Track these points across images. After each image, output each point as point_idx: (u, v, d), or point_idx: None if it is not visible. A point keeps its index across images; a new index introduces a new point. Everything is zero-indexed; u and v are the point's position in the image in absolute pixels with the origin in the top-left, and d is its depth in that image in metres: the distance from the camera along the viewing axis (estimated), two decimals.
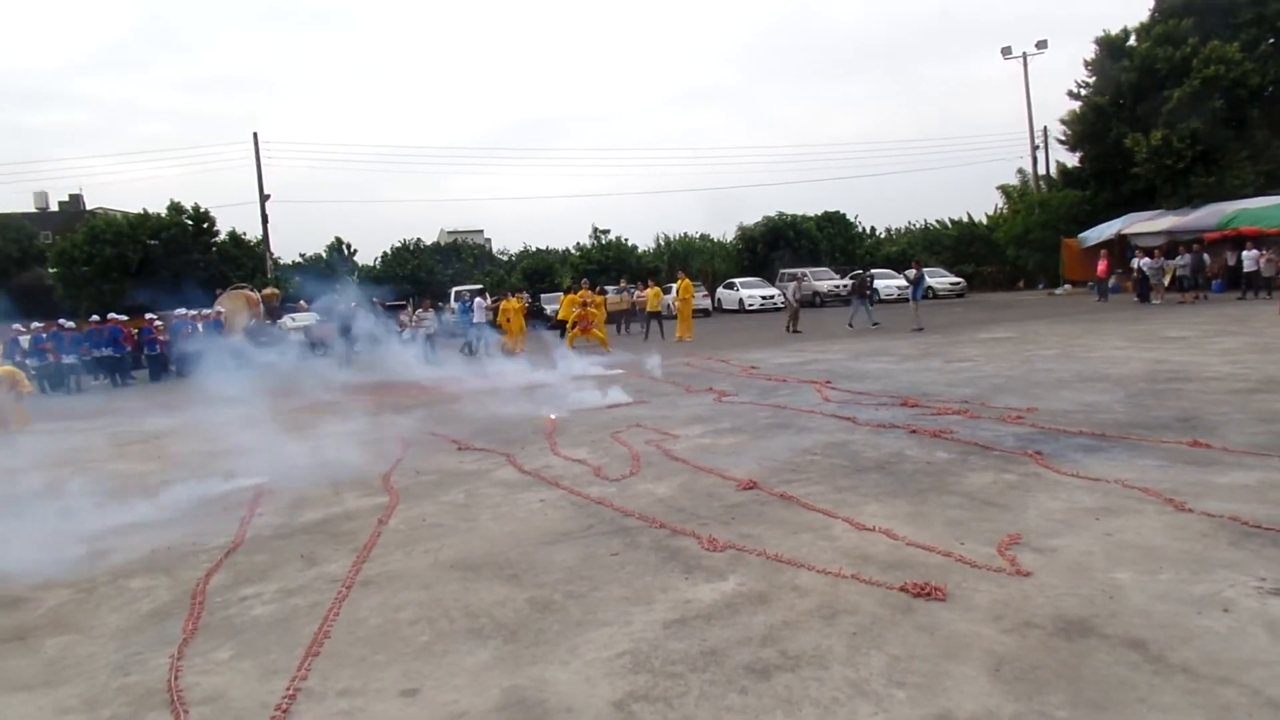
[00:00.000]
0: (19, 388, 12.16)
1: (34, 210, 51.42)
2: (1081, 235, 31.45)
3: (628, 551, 4.48)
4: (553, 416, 9.21)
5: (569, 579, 4.12)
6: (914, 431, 7.09)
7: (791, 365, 13.25)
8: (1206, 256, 24.24)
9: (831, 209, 44.86)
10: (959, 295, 34.91)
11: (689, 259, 42.20)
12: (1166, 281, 23.86)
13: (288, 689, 3.15)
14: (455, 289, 33.90)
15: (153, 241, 34.48)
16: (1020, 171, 41.78)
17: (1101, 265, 25.59)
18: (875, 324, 20.62)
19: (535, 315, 27.63)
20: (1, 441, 10.95)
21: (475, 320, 21.98)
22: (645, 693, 2.93)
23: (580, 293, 20.81)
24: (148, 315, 21.11)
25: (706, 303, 33.15)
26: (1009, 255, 36.97)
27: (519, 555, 4.57)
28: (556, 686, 3.02)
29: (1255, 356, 10.47)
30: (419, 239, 45.76)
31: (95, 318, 21.16)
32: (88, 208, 48.95)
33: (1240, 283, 23.06)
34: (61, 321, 20.53)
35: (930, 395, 9.05)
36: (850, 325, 21.02)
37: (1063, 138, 36.68)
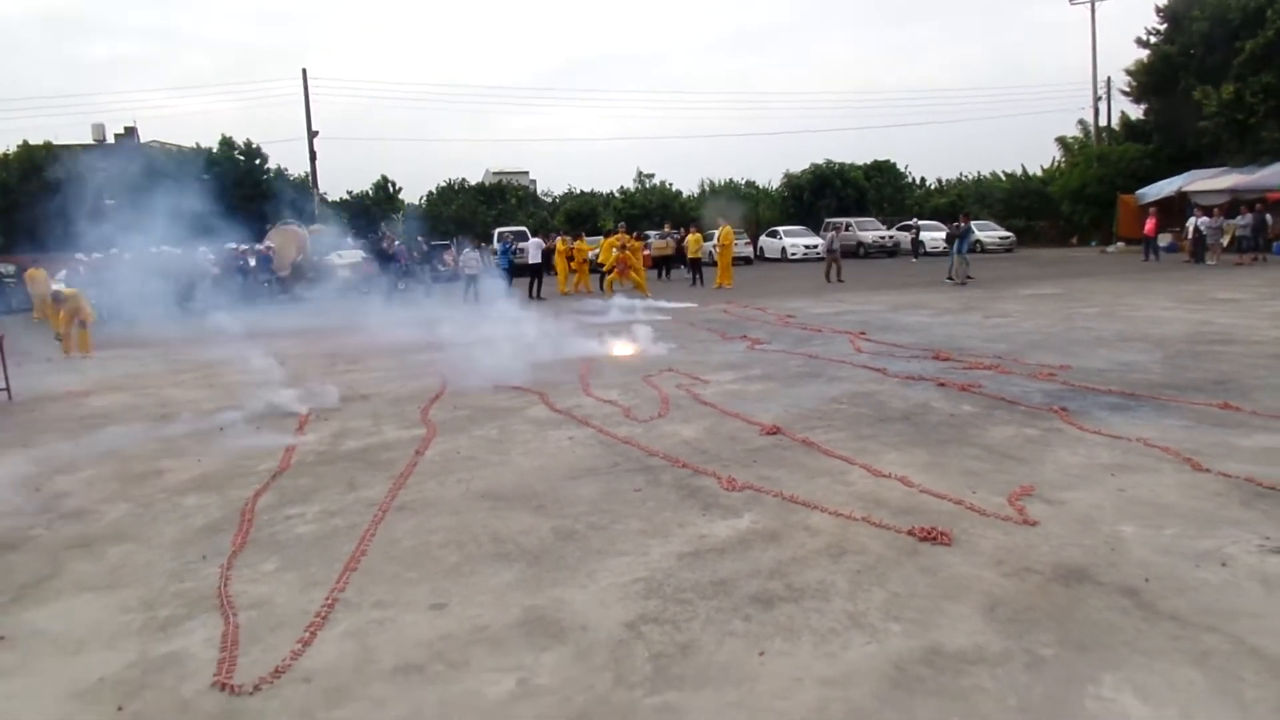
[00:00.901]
0: (81, 314, 12.64)
1: (91, 142, 52.57)
2: (1140, 191, 30.48)
3: (649, 488, 4.67)
4: (586, 359, 9.40)
5: (591, 511, 4.33)
6: (942, 384, 7.14)
7: (828, 315, 13.25)
8: (1269, 217, 23.37)
9: (882, 158, 43.98)
10: (1008, 250, 34.16)
11: (733, 205, 41.77)
12: (1225, 242, 23.13)
13: (327, 599, 3.41)
14: (498, 230, 34.06)
15: (205, 176, 35.10)
16: (1081, 123, 40.46)
17: (1150, 224, 24.79)
18: (969, 278, 19.10)
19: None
20: (65, 365, 11.49)
21: (532, 260, 21.65)
22: (655, 616, 3.12)
23: (618, 236, 20.88)
24: (200, 249, 21.64)
25: (749, 250, 32.90)
26: (1064, 210, 36.02)
27: (546, 488, 4.78)
28: (573, 607, 3.23)
29: None
30: (464, 179, 45.89)
31: (151, 249, 21.72)
32: (142, 140, 49.85)
33: None
34: (116, 251, 21.11)
35: (964, 349, 9.05)
36: (950, 279, 19.30)
37: (1127, 89, 35.36)
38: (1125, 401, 6.27)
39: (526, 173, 63.11)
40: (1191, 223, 23.70)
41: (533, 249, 21.84)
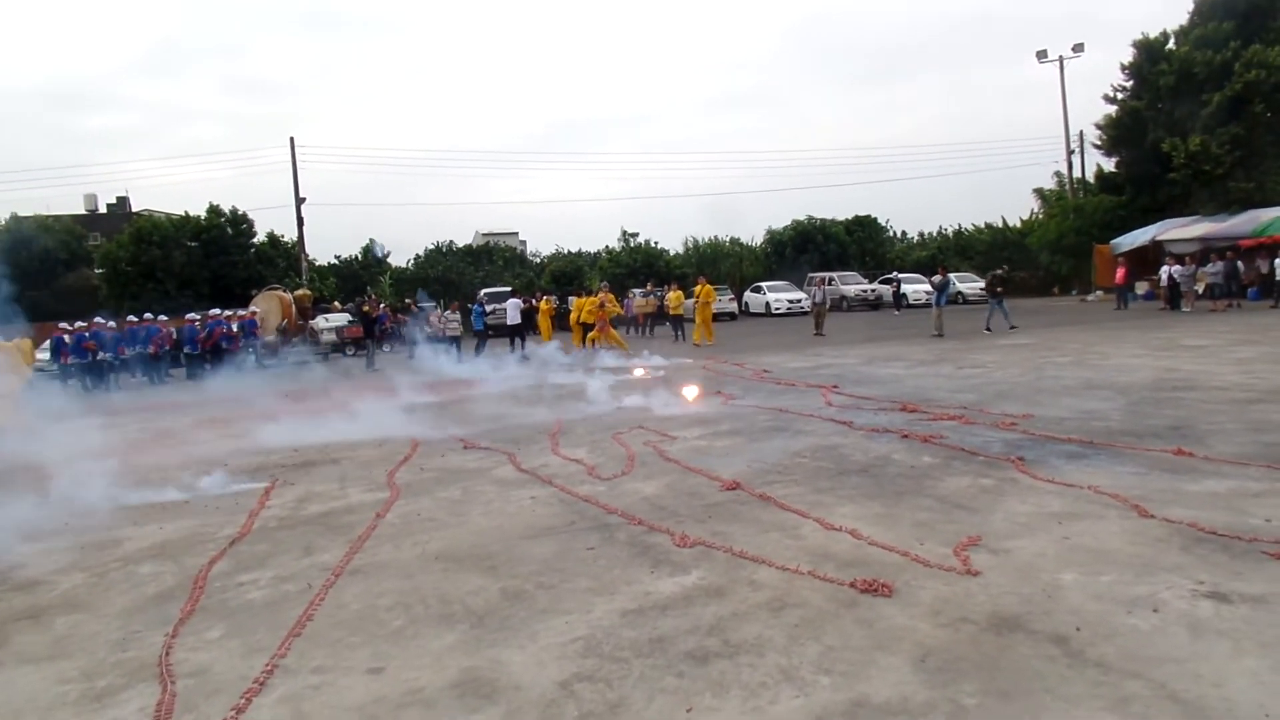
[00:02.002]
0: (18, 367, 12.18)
1: (84, 212, 53.12)
2: (1115, 241, 31.03)
3: (603, 546, 4.69)
4: (560, 418, 9.46)
5: (542, 570, 4.34)
6: (905, 436, 7.21)
7: (804, 369, 13.36)
8: (1240, 264, 23.81)
9: (864, 213, 44.76)
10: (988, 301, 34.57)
11: (717, 262, 42.29)
12: (1200, 289, 23.51)
13: (267, 665, 3.41)
14: (484, 290, 34.34)
15: (193, 243, 35.47)
16: (1057, 175, 41.37)
17: (1120, 273, 25.30)
18: (1013, 327, 19.00)
19: (562, 317, 27.99)
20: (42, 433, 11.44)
21: (510, 321, 21.71)
22: (590, 674, 3.13)
23: (598, 295, 21.13)
24: (188, 316, 21.76)
25: (733, 306, 33.23)
26: (1043, 260, 36.60)
27: (501, 548, 4.80)
28: (510, 667, 3.24)
29: (1269, 367, 10.38)
30: (451, 241, 46.40)
31: (132, 318, 21.86)
32: (134, 209, 50.42)
33: (1274, 291, 22.64)
34: (101, 320, 21.22)
35: (932, 401, 9.14)
36: (988, 329, 18.88)
37: (1098, 142, 36.27)
38: (1082, 450, 6.35)
39: (516, 233, 63.74)
40: (1165, 271, 24.12)
41: (511, 309, 21.91)
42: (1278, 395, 8.24)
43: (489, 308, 25.44)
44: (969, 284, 35.15)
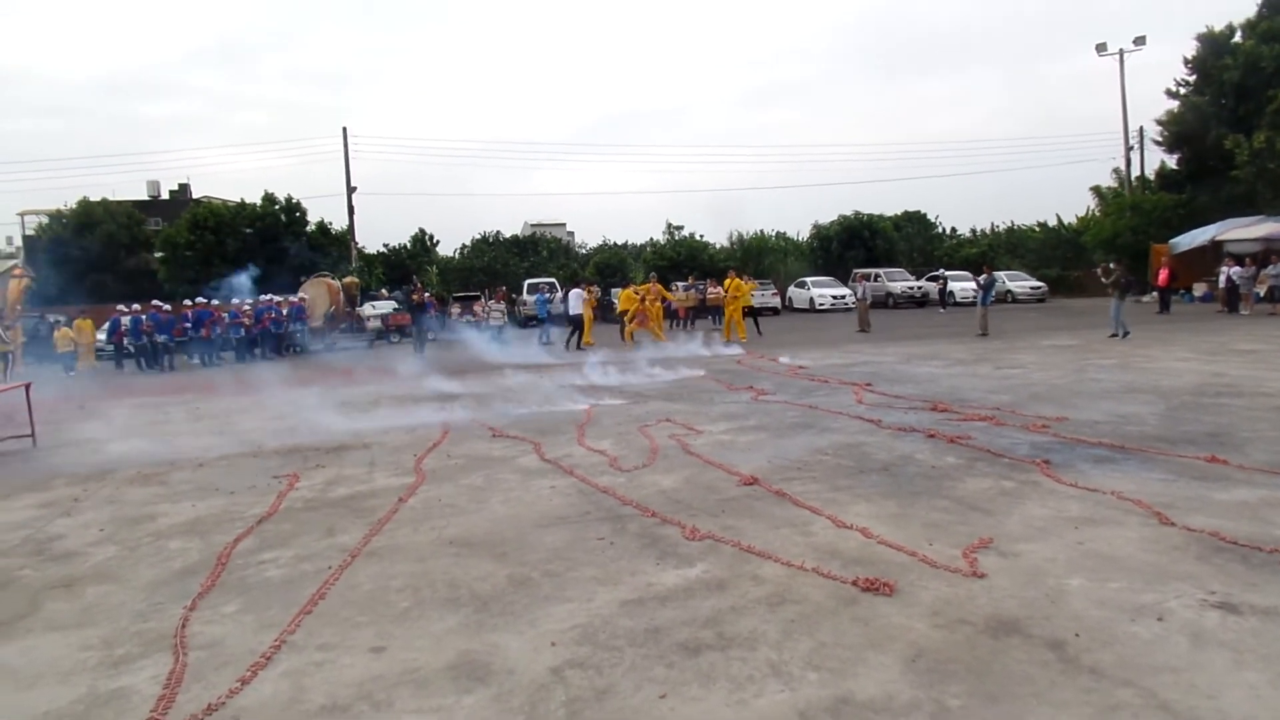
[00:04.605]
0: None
1: (146, 198, 54.73)
2: (1173, 241, 30.06)
3: (614, 537, 4.74)
4: (589, 407, 9.53)
5: (550, 559, 4.41)
6: (932, 436, 7.13)
7: (840, 367, 13.25)
8: None
9: (914, 208, 44.10)
10: (1040, 300, 33.87)
11: (761, 257, 42.04)
12: (1261, 291, 22.69)
13: (276, 640, 3.53)
14: (528, 281, 34.65)
15: (249, 230, 36.36)
16: (1116, 172, 40.28)
17: (1163, 274, 24.44)
18: (1126, 333, 16.05)
19: (605, 309, 28.15)
20: (93, 414, 11.87)
21: (572, 311, 21.07)
22: (582, 661, 3.19)
23: (644, 286, 21.11)
24: (233, 300, 22.35)
25: (776, 301, 33.00)
26: (1097, 260, 35.66)
27: (514, 535, 4.88)
28: (506, 652, 3.31)
29: None
30: (498, 231, 46.89)
31: (188, 301, 22.52)
32: (194, 196, 51.83)
33: None
34: (157, 303, 21.91)
35: (966, 401, 9.01)
36: (1115, 334, 16.11)
37: (1159, 139, 35.21)
38: (1111, 454, 6.21)
39: (564, 224, 64.16)
40: (1224, 272, 23.35)
41: (574, 299, 21.23)
42: None
43: (534, 298, 25.71)
44: (1019, 282, 34.43)
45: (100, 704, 3.05)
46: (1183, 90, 33.36)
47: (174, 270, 36.22)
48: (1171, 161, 35.56)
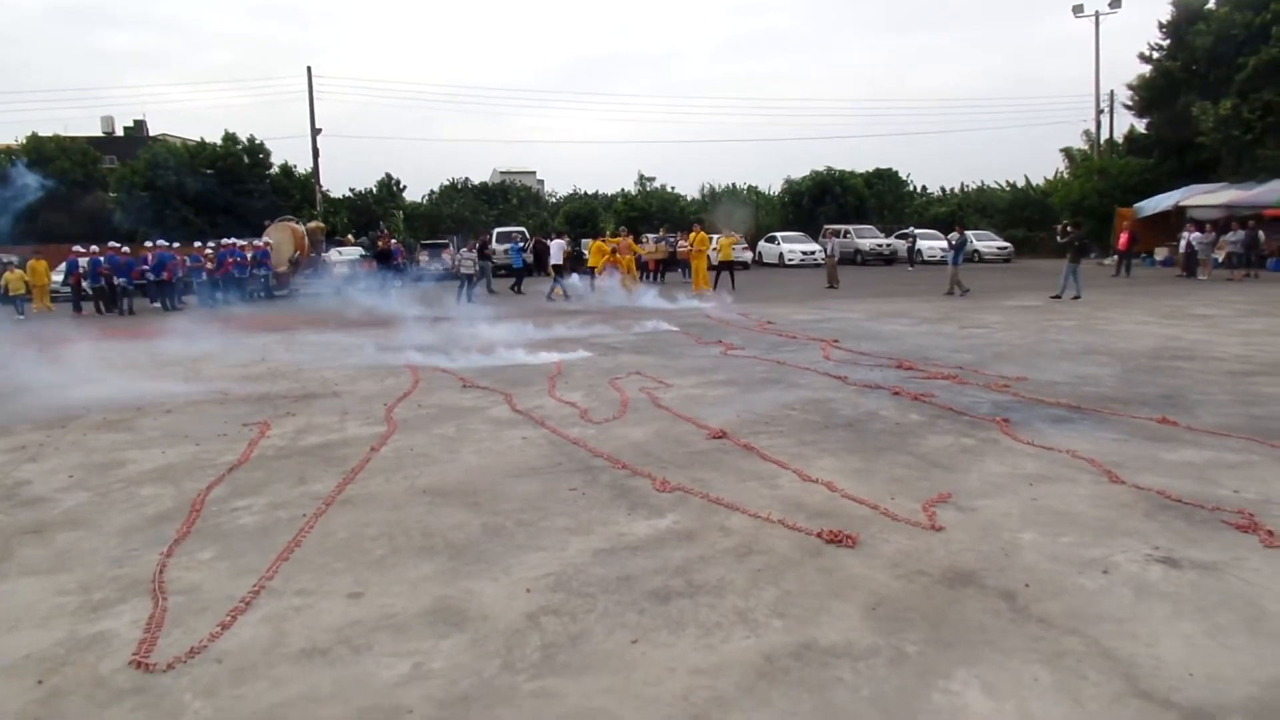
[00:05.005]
0: None
1: (101, 135, 52.94)
2: (1138, 205, 30.54)
3: (585, 488, 4.84)
4: (559, 360, 9.58)
5: (524, 508, 4.50)
6: (896, 393, 7.30)
7: (808, 322, 13.40)
8: (1262, 234, 23.47)
9: (886, 166, 44.19)
10: (1006, 260, 34.31)
11: (732, 210, 41.96)
12: (1220, 257, 23.22)
13: (254, 586, 3.59)
14: (497, 230, 34.30)
15: (209, 171, 35.43)
16: (1086, 134, 40.61)
17: (1123, 238, 24.94)
18: (1077, 296, 16.53)
19: (576, 260, 28.02)
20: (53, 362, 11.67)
21: (553, 261, 21.03)
22: (556, 608, 3.29)
23: (615, 239, 21.06)
24: (196, 244, 21.90)
25: (747, 255, 33.06)
26: (1063, 221, 36.09)
27: (487, 485, 4.96)
28: (481, 598, 3.40)
29: (1273, 339, 10.36)
30: (467, 178, 46.18)
31: (148, 243, 22.02)
32: (151, 134, 50.25)
33: None
34: (114, 245, 21.39)
35: (929, 359, 9.20)
36: (1059, 296, 16.74)
37: (1130, 103, 35.45)
38: (1068, 414, 6.42)
39: (534, 172, 63.24)
40: (1185, 237, 23.82)
41: (555, 249, 21.23)
42: (1274, 368, 8.25)
43: (507, 247, 25.57)
44: (986, 242, 34.80)
45: (81, 647, 3.10)
46: (1155, 55, 33.53)
47: (131, 212, 35.25)
48: (1141, 126, 35.89)
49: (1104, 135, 38.65)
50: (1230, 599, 3.21)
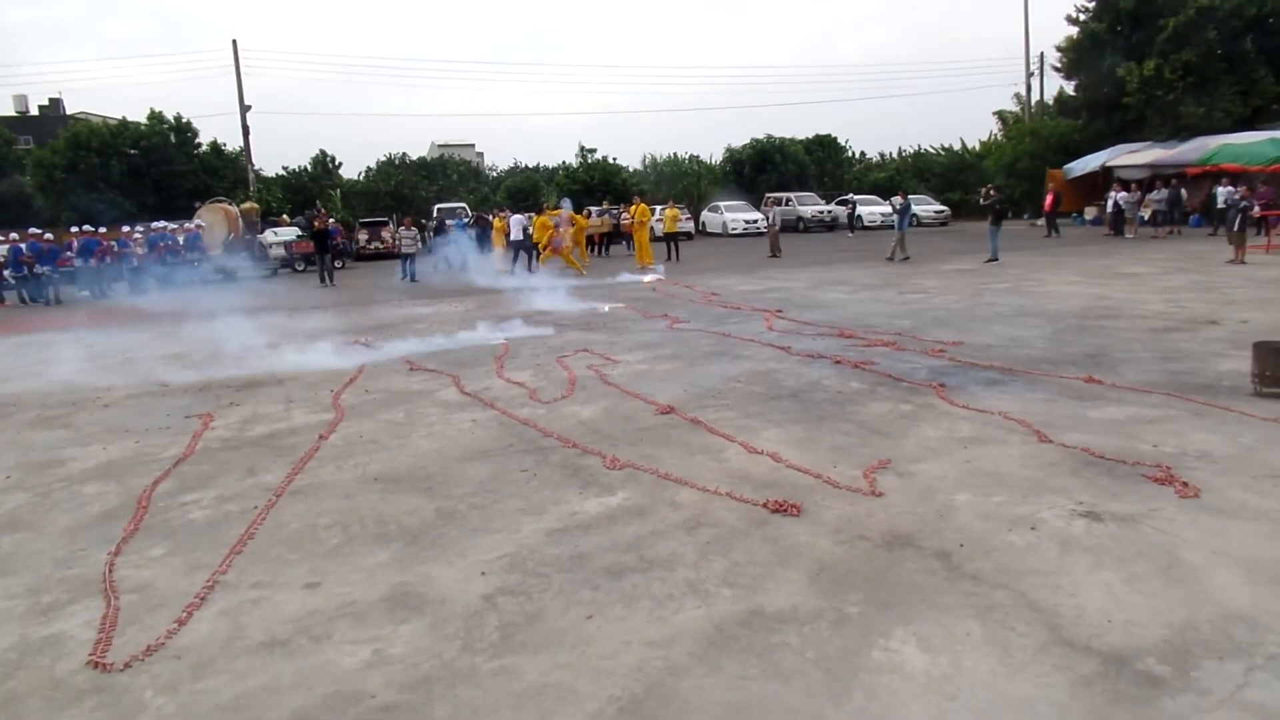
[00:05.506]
0: None
1: (14, 114, 50.52)
2: (1067, 166, 31.38)
3: (537, 469, 4.91)
4: (505, 340, 9.59)
5: (477, 492, 4.56)
6: (838, 362, 7.50)
7: (753, 293, 13.58)
8: (1184, 191, 24.34)
9: (824, 132, 44.53)
10: (943, 224, 34.99)
11: (675, 181, 41.97)
12: (1146, 215, 24.04)
13: (208, 581, 3.60)
14: (439, 206, 33.80)
15: (133, 151, 34.15)
16: (1017, 97, 41.44)
17: (1049, 199, 25.89)
18: (995, 259, 16.85)
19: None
20: None
21: (513, 237, 20.20)
22: (513, 588, 3.38)
23: (555, 211, 20.93)
24: (124, 228, 21.18)
25: (690, 226, 33.14)
26: (997, 184, 36.92)
27: (439, 470, 5.00)
28: (438, 583, 3.47)
29: (1193, 295, 10.84)
30: (404, 153, 45.25)
31: (74, 229, 21.21)
32: (69, 113, 48.11)
33: (1214, 219, 23.24)
34: (36, 231, 20.56)
35: (870, 327, 9.43)
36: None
37: (1059, 65, 36.25)
38: (1001, 377, 6.68)
39: (473, 145, 62.21)
40: (1111, 197, 24.59)
41: (514, 225, 20.41)
42: (1193, 324, 8.66)
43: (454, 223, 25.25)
44: (923, 206, 35.40)
45: (34, 651, 3.09)
46: (1082, 17, 34.24)
47: (51, 196, 33.84)
48: (1070, 88, 36.75)
49: (1035, 97, 39.52)
50: (1147, 549, 3.44)
